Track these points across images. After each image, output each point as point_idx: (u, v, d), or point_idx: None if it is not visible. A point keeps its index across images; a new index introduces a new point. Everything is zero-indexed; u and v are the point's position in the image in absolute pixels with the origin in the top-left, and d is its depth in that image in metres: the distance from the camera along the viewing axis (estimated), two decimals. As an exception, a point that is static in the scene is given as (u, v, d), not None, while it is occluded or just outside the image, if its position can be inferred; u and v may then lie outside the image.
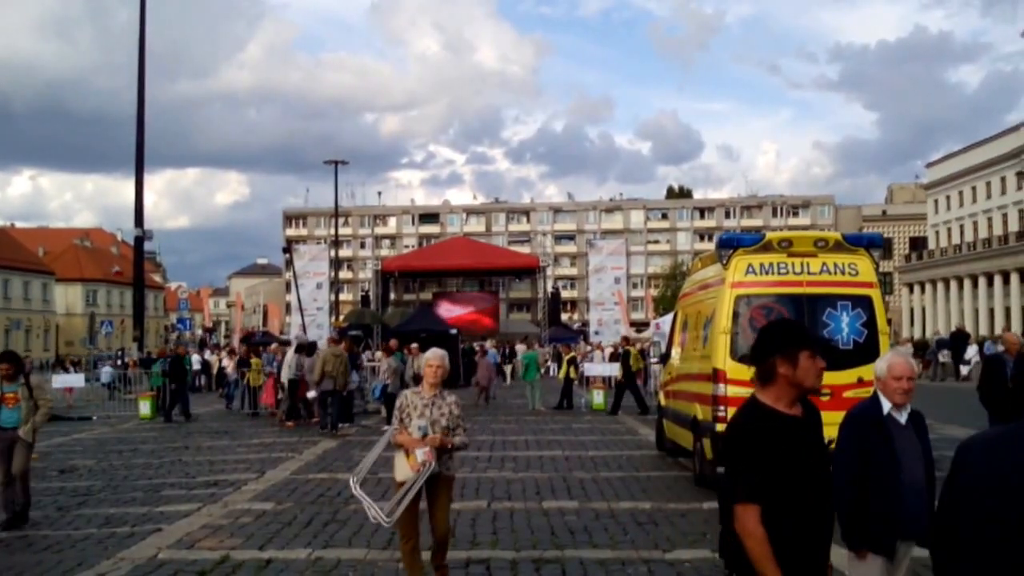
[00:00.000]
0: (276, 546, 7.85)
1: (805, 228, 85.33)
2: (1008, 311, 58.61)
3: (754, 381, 3.33)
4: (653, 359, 25.54)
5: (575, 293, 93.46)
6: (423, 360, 18.77)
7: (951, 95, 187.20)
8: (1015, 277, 58.75)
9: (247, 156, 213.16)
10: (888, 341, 10.20)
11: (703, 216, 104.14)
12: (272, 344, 25.51)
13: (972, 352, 32.71)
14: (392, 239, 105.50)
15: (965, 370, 31.59)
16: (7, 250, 77.37)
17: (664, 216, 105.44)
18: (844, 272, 10.00)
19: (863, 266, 10.08)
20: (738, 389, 9.40)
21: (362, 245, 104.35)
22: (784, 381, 3.19)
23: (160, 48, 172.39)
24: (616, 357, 30.56)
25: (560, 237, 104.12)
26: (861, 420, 4.50)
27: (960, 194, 69.32)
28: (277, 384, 20.23)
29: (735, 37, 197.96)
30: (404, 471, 5.85)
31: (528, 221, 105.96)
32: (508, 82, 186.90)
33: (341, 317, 45.40)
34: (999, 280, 60.92)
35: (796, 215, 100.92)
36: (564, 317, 68.25)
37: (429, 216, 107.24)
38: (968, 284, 64.76)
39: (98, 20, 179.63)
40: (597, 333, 40.37)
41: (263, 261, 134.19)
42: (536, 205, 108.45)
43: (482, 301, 51.30)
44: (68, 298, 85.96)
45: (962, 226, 68.91)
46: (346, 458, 13.52)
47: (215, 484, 11.31)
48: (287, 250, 40.45)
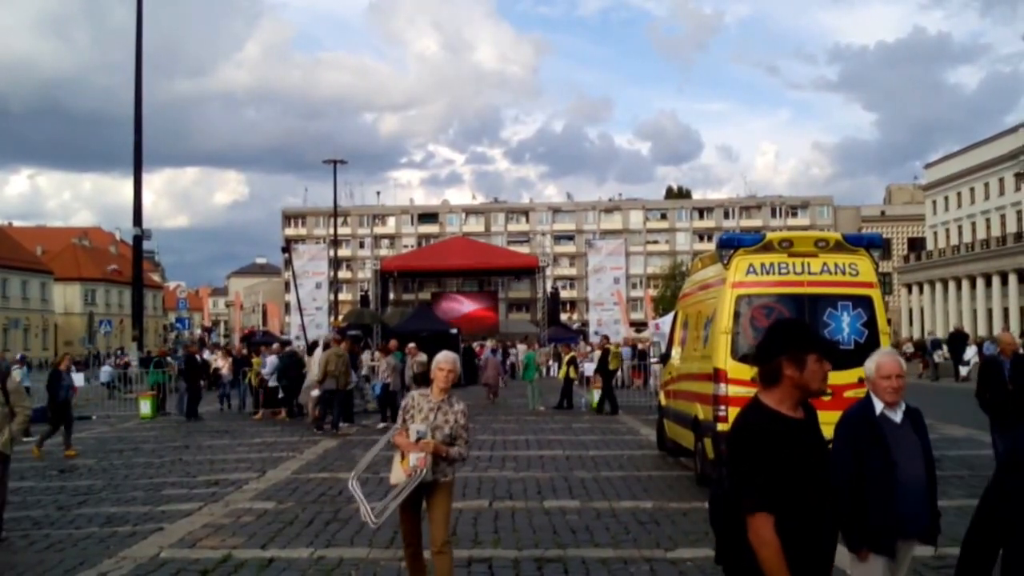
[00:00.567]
0: (278, 545, 7.86)
1: (804, 229, 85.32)
2: (1006, 312, 58.71)
3: (755, 381, 3.27)
4: (653, 359, 25.58)
5: (574, 293, 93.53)
6: (421, 359, 18.66)
7: (950, 96, 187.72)
8: (1013, 278, 58.84)
9: (246, 155, 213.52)
10: (889, 341, 10.20)
11: (702, 216, 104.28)
12: (273, 344, 25.49)
13: (971, 353, 32.78)
14: (391, 239, 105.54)
15: (964, 371, 31.65)
16: (5, 249, 77.29)
17: (663, 216, 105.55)
18: (845, 272, 9.99)
19: (863, 266, 10.07)
20: (739, 389, 9.42)
21: (361, 245, 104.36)
22: (789, 383, 3.12)
23: (158, 47, 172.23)
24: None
25: (559, 237, 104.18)
26: (854, 421, 4.50)
27: (959, 195, 69.41)
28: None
29: (734, 37, 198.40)
30: (397, 474, 5.76)
31: (527, 221, 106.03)
32: (507, 82, 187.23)
33: (340, 317, 45.35)
34: (997, 281, 61.01)
35: (795, 216, 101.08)
36: (563, 317, 68.25)
37: (428, 216, 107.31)
38: (966, 285, 64.84)
39: (96, 19, 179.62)
40: (597, 333, 40.33)
41: (262, 261, 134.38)
42: (535, 205, 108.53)
43: (481, 301, 51.31)
44: (66, 297, 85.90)
45: (960, 227, 69.00)
46: (347, 458, 13.53)
47: (216, 483, 11.32)
48: (286, 250, 40.40)
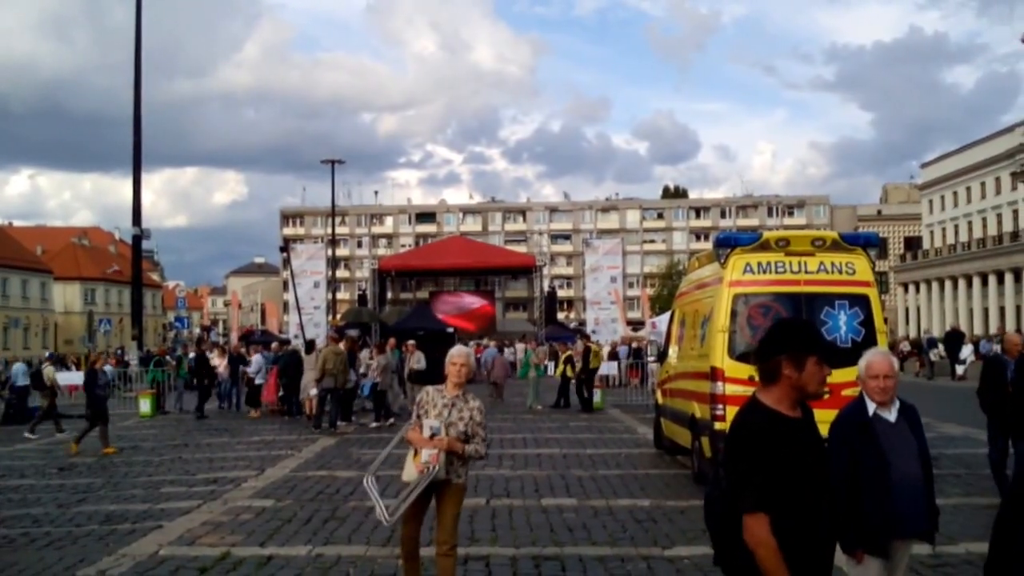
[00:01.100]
0: (277, 543, 7.88)
1: (800, 228, 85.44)
2: (1002, 310, 58.85)
3: (752, 379, 3.26)
4: (650, 358, 25.64)
5: (571, 292, 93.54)
6: (419, 357, 18.56)
7: (946, 96, 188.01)
8: (1009, 277, 58.98)
9: (245, 155, 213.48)
10: (886, 340, 10.22)
11: (699, 216, 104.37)
12: (273, 343, 25.50)
13: (967, 351, 32.90)
14: (389, 238, 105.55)
15: (960, 369, 31.75)
16: (6, 249, 77.46)
17: (660, 216, 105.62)
18: (841, 271, 10.00)
19: (860, 265, 10.08)
20: (736, 387, 9.45)
21: (359, 244, 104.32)
22: (787, 383, 3.11)
23: (158, 48, 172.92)
24: (614, 355, 30.77)
25: (556, 236, 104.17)
26: (847, 421, 4.51)
27: (955, 194, 69.56)
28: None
29: (731, 37, 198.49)
30: (410, 471, 5.63)
31: (524, 220, 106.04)
32: (505, 82, 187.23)
33: (338, 316, 45.39)
34: (993, 280, 61.15)
35: (791, 215, 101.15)
36: (560, 316, 68.25)
37: (426, 215, 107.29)
38: (963, 284, 64.98)
39: (96, 20, 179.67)
40: (594, 332, 40.41)
41: (260, 260, 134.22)
42: (532, 205, 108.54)
43: (479, 300, 51.34)
44: (66, 296, 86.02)
45: (957, 226, 69.16)
46: (345, 456, 13.57)
47: (215, 481, 11.34)
48: (284, 249, 40.45)
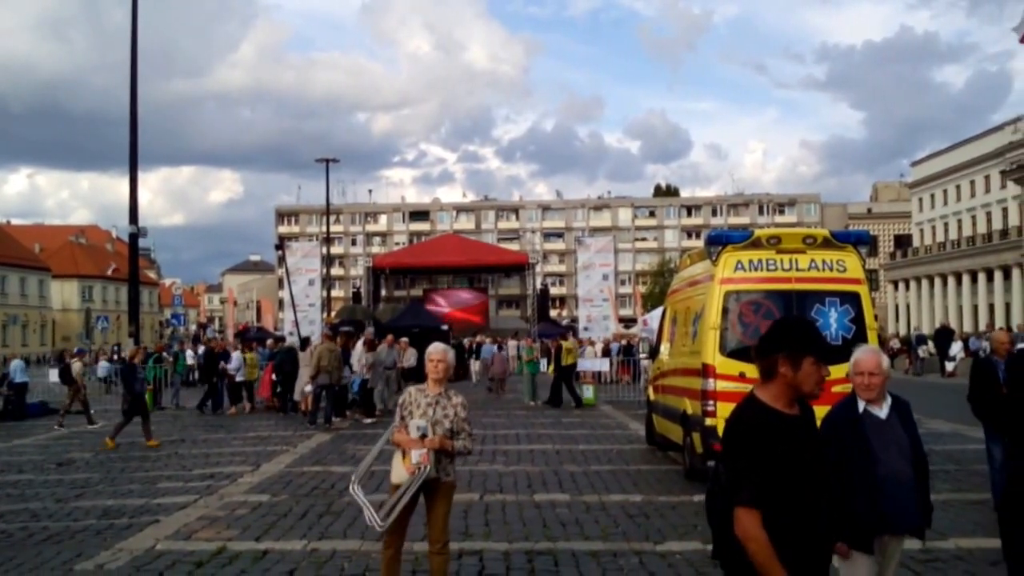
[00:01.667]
0: (272, 537, 7.93)
1: (791, 226, 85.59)
2: (992, 308, 59.15)
3: (742, 375, 3.33)
4: (642, 355, 25.71)
5: (564, 289, 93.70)
6: (411, 354, 18.68)
7: (936, 95, 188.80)
8: (998, 274, 59.27)
9: (241, 154, 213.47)
10: (876, 337, 10.30)
11: (690, 214, 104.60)
12: (268, 340, 25.53)
13: (957, 348, 33.11)
14: (383, 236, 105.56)
15: (950, 366, 31.95)
16: (4, 247, 77.81)
17: (652, 214, 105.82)
18: (832, 269, 10.06)
19: (851, 263, 10.14)
20: (727, 384, 9.52)
21: (353, 242, 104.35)
22: (783, 381, 3.13)
23: (155, 48, 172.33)
24: (607, 352, 30.87)
25: (549, 234, 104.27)
26: (836, 418, 4.55)
27: (944, 192, 69.88)
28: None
29: (723, 37, 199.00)
30: (400, 473, 5.56)
31: (517, 219, 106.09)
32: (498, 81, 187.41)
33: (333, 313, 45.41)
34: (983, 277, 61.44)
35: (782, 213, 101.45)
36: (553, 313, 68.38)
37: (419, 214, 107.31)
38: (952, 281, 65.27)
39: (93, 20, 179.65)
40: (586, 329, 40.45)
41: (256, 258, 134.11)
42: (525, 203, 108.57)
43: (472, 297, 51.37)
44: (64, 294, 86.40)
45: (946, 224, 69.47)
46: (339, 451, 13.64)
47: (211, 476, 11.39)
48: (280, 247, 40.55)
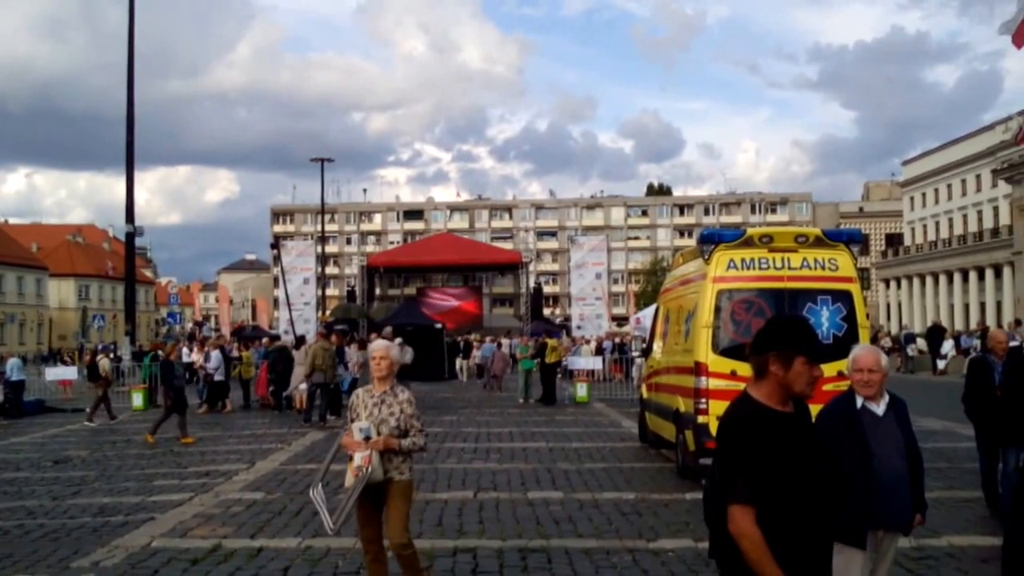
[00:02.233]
0: (267, 535, 7.96)
1: (783, 225, 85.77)
2: (983, 306, 59.42)
3: (734, 374, 3.36)
4: (634, 353, 25.83)
5: (557, 288, 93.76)
6: (408, 352, 18.58)
7: (928, 94, 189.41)
8: (989, 273, 59.52)
9: (237, 154, 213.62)
10: (868, 335, 10.36)
11: (682, 213, 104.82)
12: (263, 338, 25.55)
13: (948, 347, 33.22)
14: (377, 235, 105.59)
15: (942, 364, 32.07)
16: (1, 246, 77.98)
17: (644, 213, 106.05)
18: (824, 267, 10.11)
19: (843, 261, 10.18)
20: (719, 382, 9.58)
21: (348, 241, 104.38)
22: (774, 380, 3.12)
23: (152, 48, 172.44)
24: (600, 350, 30.96)
25: (542, 233, 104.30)
26: (833, 414, 4.58)
27: (936, 191, 70.15)
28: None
29: (715, 38, 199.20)
30: (349, 476, 5.36)
31: (511, 218, 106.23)
32: (493, 81, 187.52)
33: (327, 312, 45.42)
34: (974, 276, 61.70)
35: (774, 212, 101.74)
36: (546, 312, 68.40)
37: (413, 213, 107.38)
38: (944, 280, 65.54)
39: (91, 21, 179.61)
40: (579, 328, 40.55)
41: (251, 257, 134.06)
42: (518, 202, 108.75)
43: (466, 296, 51.43)
44: (61, 293, 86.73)
45: (937, 223, 69.74)
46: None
47: (207, 474, 11.42)
48: (275, 246, 40.62)
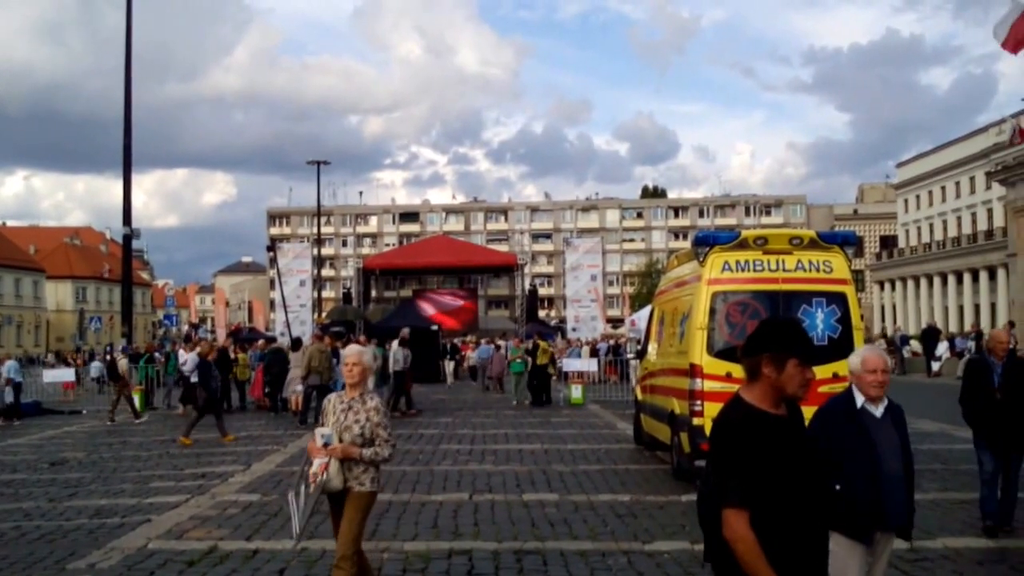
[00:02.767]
0: (263, 537, 7.97)
1: (778, 227, 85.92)
2: (977, 308, 59.55)
3: (729, 375, 3.39)
4: (629, 355, 25.85)
5: (552, 290, 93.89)
6: (405, 355, 18.48)
7: (922, 97, 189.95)
8: (984, 275, 59.63)
9: (234, 157, 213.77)
10: (862, 337, 10.39)
11: (677, 215, 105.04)
12: (259, 340, 25.54)
13: (943, 348, 33.31)
14: (373, 238, 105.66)
15: (936, 366, 32.15)
16: (-1, 248, 77.69)
17: (639, 215, 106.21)
18: (819, 269, 10.13)
19: (837, 263, 10.21)
20: (714, 384, 9.59)
21: (344, 243, 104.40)
22: (767, 382, 3.12)
23: (149, 52, 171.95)
24: (595, 352, 30.97)
25: (537, 236, 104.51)
26: (833, 414, 4.58)
27: (930, 193, 70.34)
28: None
29: (710, 40, 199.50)
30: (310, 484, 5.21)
31: (506, 220, 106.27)
32: (489, 84, 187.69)
33: (323, 314, 45.42)
34: (968, 278, 61.82)
35: (769, 214, 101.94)
36: (541, 314, 68.52)
37: (409, 215, 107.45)
38: (938, 281, 65.67)
39: (90, 26, 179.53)
40: (574, 330, 40.62)
41: (248, 259, 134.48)
42: (514, 204, 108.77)
43: (461, 298, 51.49)
44: (58, 295, 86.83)
45: (932, 225, 69.92)
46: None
47: (203, 476, 11.43)
48: (271, 248, 40.59)
